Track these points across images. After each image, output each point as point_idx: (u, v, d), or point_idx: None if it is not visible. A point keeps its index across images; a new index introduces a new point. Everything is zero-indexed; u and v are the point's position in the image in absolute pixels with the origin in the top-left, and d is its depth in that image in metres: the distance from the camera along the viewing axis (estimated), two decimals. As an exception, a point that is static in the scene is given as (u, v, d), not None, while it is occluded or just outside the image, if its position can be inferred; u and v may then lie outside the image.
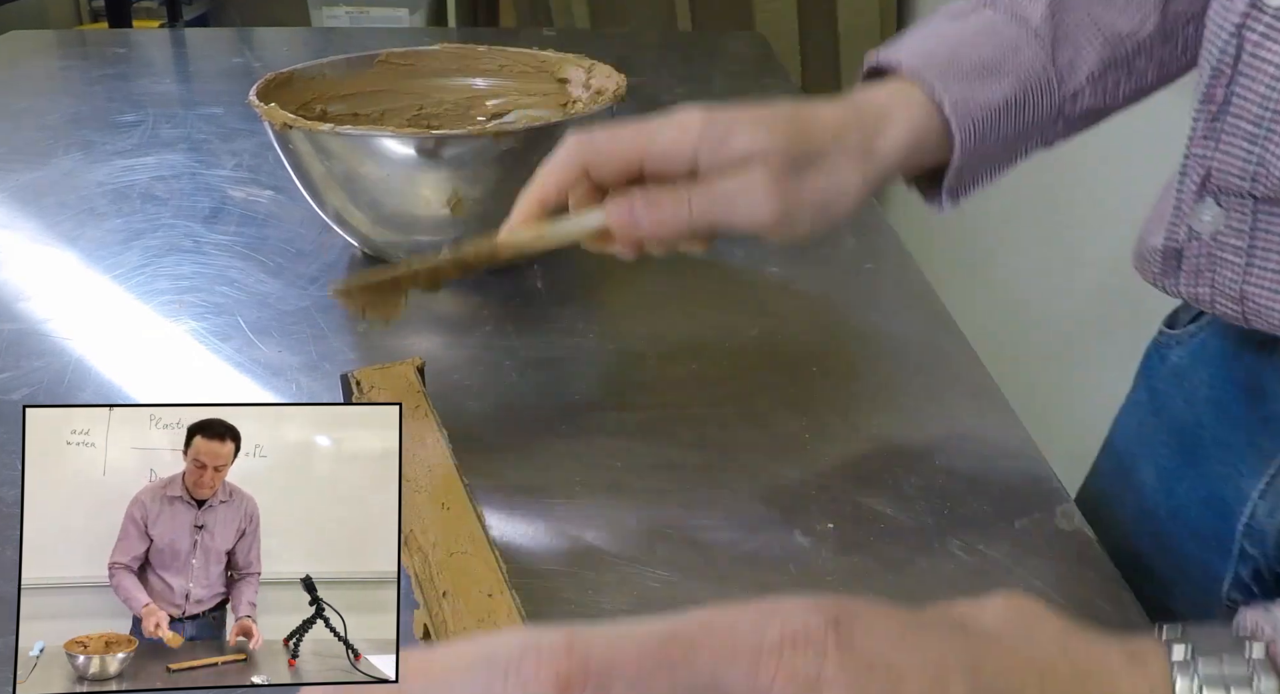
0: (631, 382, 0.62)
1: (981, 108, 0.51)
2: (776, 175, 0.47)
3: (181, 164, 0.95)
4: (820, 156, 0.48)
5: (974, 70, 0.51)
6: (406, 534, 0.45)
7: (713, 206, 0.47)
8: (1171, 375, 0.59)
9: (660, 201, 0.47)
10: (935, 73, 0.51)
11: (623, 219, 0.48)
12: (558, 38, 1.55)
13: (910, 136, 0.50)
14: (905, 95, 0.51)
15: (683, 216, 0.47)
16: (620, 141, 0.48)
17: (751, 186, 0.47)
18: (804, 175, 0.48)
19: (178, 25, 2.36)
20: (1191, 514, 0.56)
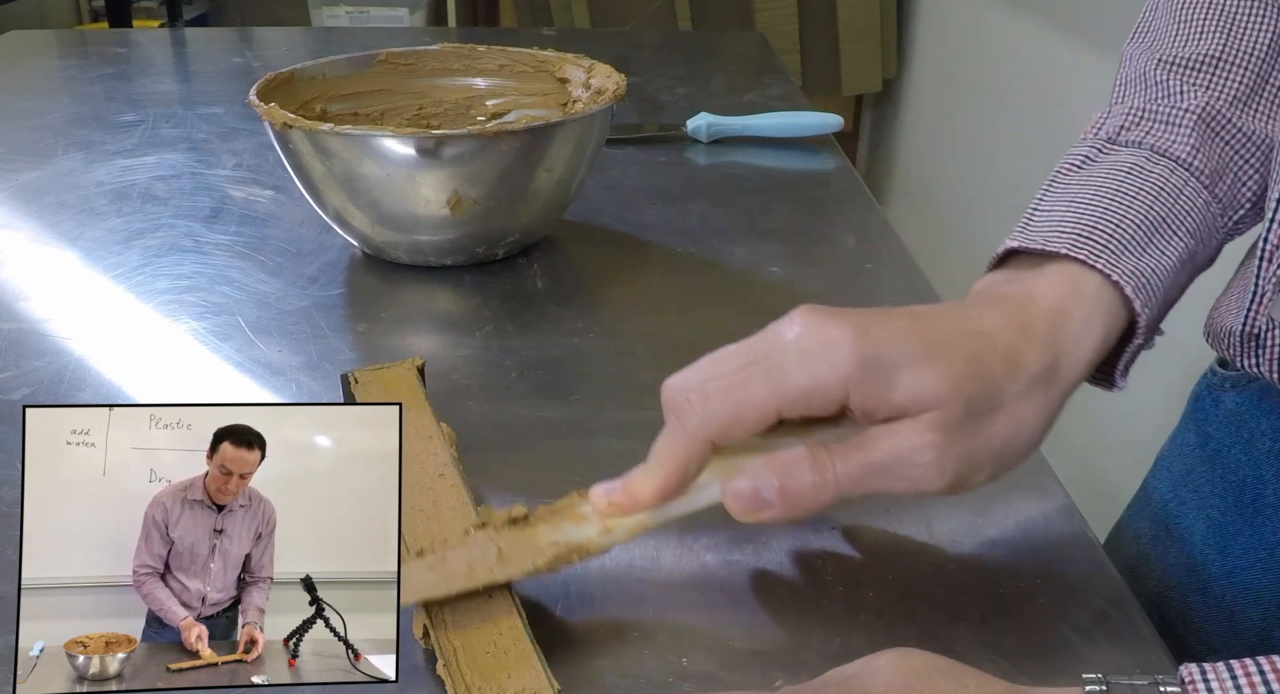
0: (631, 382, 0.62)
1: (1160, 276, 0.43)
2: (951, 433, 0.37)
3: (181, 164, 0.95)
4: (998, 398, 0.39)
5: (1141, 235, 0.43)
6: (406, 534, 0.45)
7: (866, 476, 0.38)
8: (1227, 421, 0.55)
9: (795, 474, 0.38)
10: (1100, 250, 0.42)
11: (747, 503, 0.39)
12: (558, 38, 1.55)
13: (1099, 341, 0.42)
14: (1082, 289, 0.42)
15: (825, 493, 0.38)
16: (747, 396, 0.38)
17: (920, 449, 0.37)
18: (982, 425, 0.38)
19: (178, 25, 2.36)
20: (1249, 575, 0.53)
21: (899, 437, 0.37)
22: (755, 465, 0.38)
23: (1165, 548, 0.59)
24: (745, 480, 0.38)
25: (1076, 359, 0.41)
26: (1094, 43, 1.52)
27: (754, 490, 0.38)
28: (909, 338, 0.38)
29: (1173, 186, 0.44)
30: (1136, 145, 0.46)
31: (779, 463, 0.38)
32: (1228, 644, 0.55)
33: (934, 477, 0.38)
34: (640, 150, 0.99)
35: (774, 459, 0.38)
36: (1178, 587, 0.57)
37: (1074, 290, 0.42)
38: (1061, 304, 0.41)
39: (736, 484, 0.39)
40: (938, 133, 2.21)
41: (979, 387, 0.38)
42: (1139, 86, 0.49)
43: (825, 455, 0.38)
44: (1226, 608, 0.55)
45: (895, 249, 0.80)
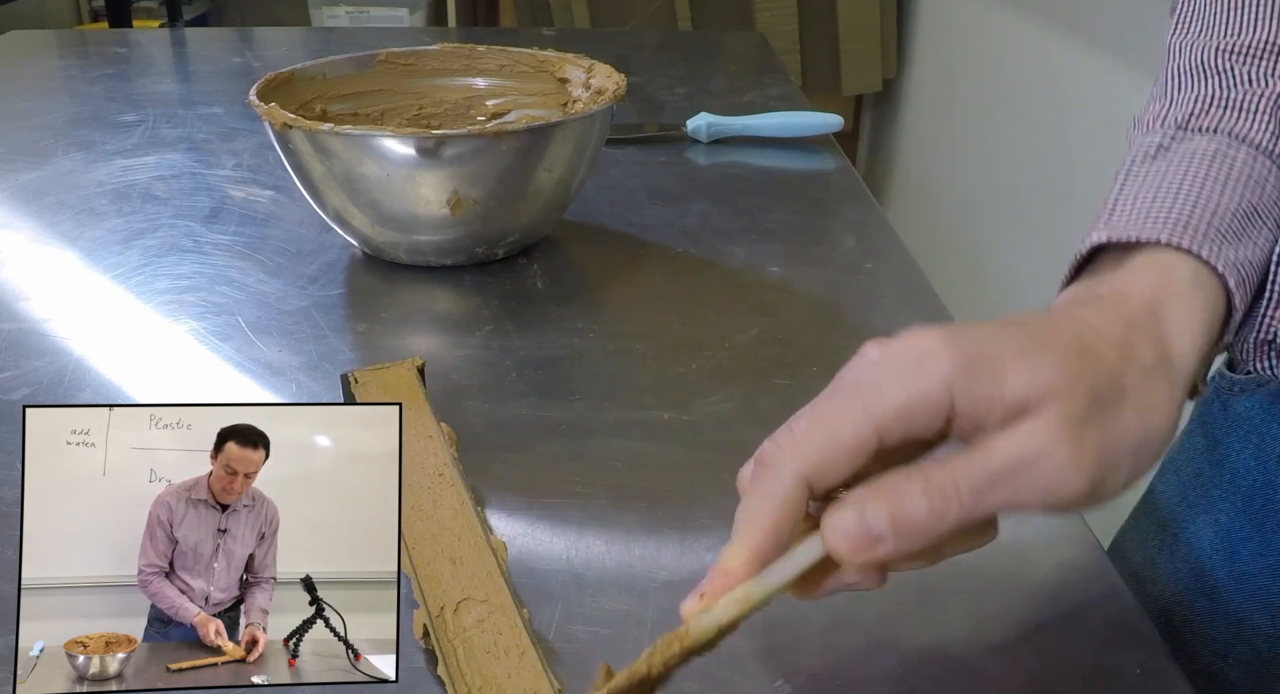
0: (631, 382, 0.62)
1: (1256, 265, 0.40)
2: (1081, 424, 0.32)
3: (181, 164, 0.95)
4: (1124, 387, 0.34)
5: (1236, 223, 0.40)
6: (407, 535, 0.45)
7: (992, 489, 0.32)
8: (1236, 425, 0.54)
9: (907, 499, 0.32)
10: (1201, 237, 0.39)
11: (856, 541, 0.33)
12: (558, 38, 1.55)
13: (1203, 328, 0.38)
14: (1177, 276, 0.38)
15: (946, 517, 0.32)
16: (839, 424, 0.33)
17: (1051, 446, 0.32)
18: (1111, 416, 0.34)
19: (178, 25, 2.36)
20: (1258, 581, 0.53)
21: (1023, 436, 0.32)
22: (857, 494, 0.33)
23: (1171, 553, 0.59)
24: (849, 513, 0.33)
25: (1187, 347, 0.37)
26: (1094, 43, 1.52)
27: (860, 523, 0.32)
28: (1010, 336, 0.34)
29: (1259, 174, 0.42)
30: (1213, 132, 0.44)
31: (884, 487, 0.33)
32: (1234, 651, 0.55)
33: (1072, 477, 0.32)
34: (640, 150, 0.99)
35: (877, 485, 0.33)
36: (1184, 592, 0.57)
37: (1167, 280, 0.38)
38: (1158, 296, 0.38)
39: (838, 518, 0.33)
40: (938, 133, 2.21)
41: (1099, 373, 0.34)
42: (1200, 76, 0.47)
43: (940, 472, 0.32)
44: (1234, 614, 0.54)
45: (895, 249, 0.80)
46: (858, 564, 0.34)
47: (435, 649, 0.40)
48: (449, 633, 0.40)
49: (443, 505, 0.47)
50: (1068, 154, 1.61)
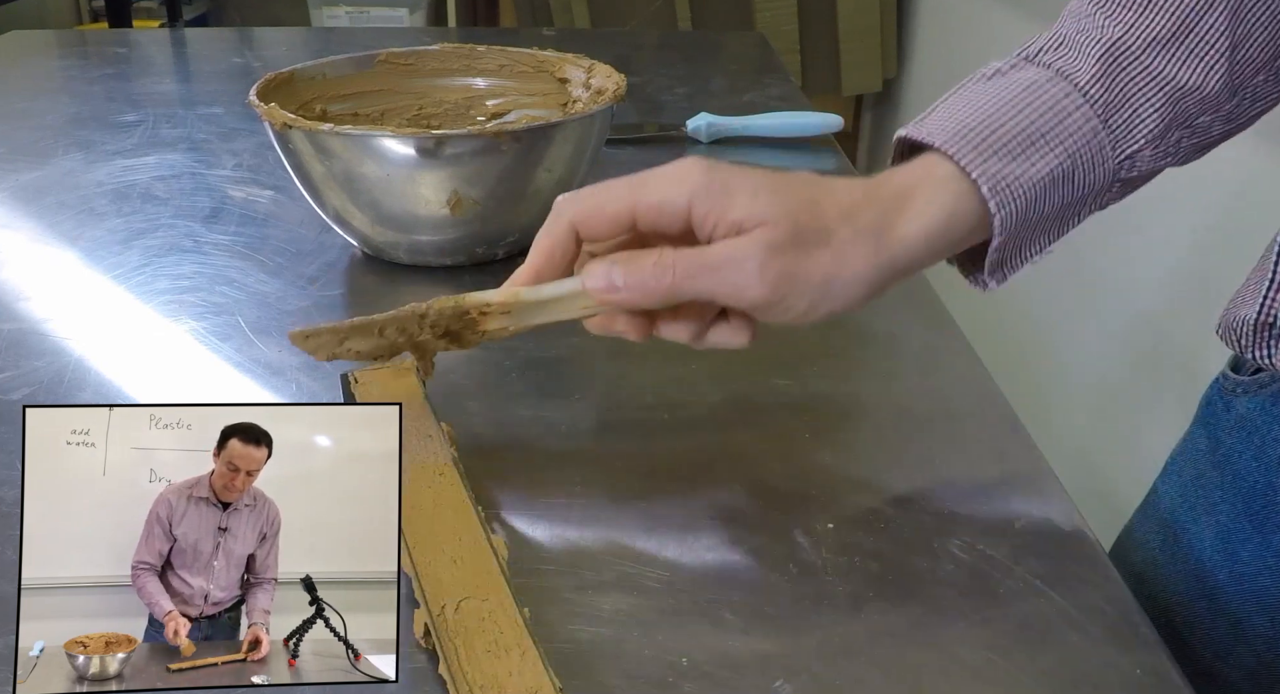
0: (631, 381, 0.62)
1: (1024, 184, 0.45)
2: (775, 247, 0.42)
3: (181, 164, 0.95)
4: (826, 233, 0.43)
5: (1015, 143, 0.46)
6: (407, 535, 0.45)
7: (699, 274, 0.43)
8: (1238, 426, 0.55)
9: (641, 265, 0.44)
10: (970, 148, 0.45)
11: (599, 283, 0.44)
12: (558, 38, 1.55)
13: (938, 221, 0.45)
14: (935, 174, 0.45)
15: (665, 282, 0.43)
16: (609, 194, 0.45)
17: (745, 255, 0.42)
18: (807, 252, 0.43)
19: (178, 25, 2.36)
20: (1257, 581, 0.53)
21: (730, 245, 0.43)
22: (612, 255, 0.45)
23: (1173, 554, 0.59)
24: (600, 263, 0.44)
25: (913, 226, 0.45)
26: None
27: (606, 272, 0.44)
28: (754, 176, 0.44)
29: (1061, 107, 0.46)
30: (1045, 67, 0.48)
31: (630, 254, 0.44)
32: (1234, 652, 0.55)
33: (754, 284, 0.42)
34: (640, 150, 0.99)
35: (627, 252, 0.45)
36: (1185, 593, 0.57)
37: (926, 174, 0.45)
38: (909, 183, 0.45)
39: (593, 265, 0.45)
40: (938, 133, 2.21)
41: (808, 218, 0.43)
42: (1073, 18, 0.50)
43: (669, 253, 0.43)
44: (1234, 616, 0.54)
45: (895, 249, 0.80)
46: (609, 306, 0.46)
47: (436, 648, 0.40)
48: (449, 632, 0.40)
49: (443, 505, 0.47)
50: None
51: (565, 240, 0.46)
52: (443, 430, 0.52)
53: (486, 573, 0.43)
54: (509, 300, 0.48)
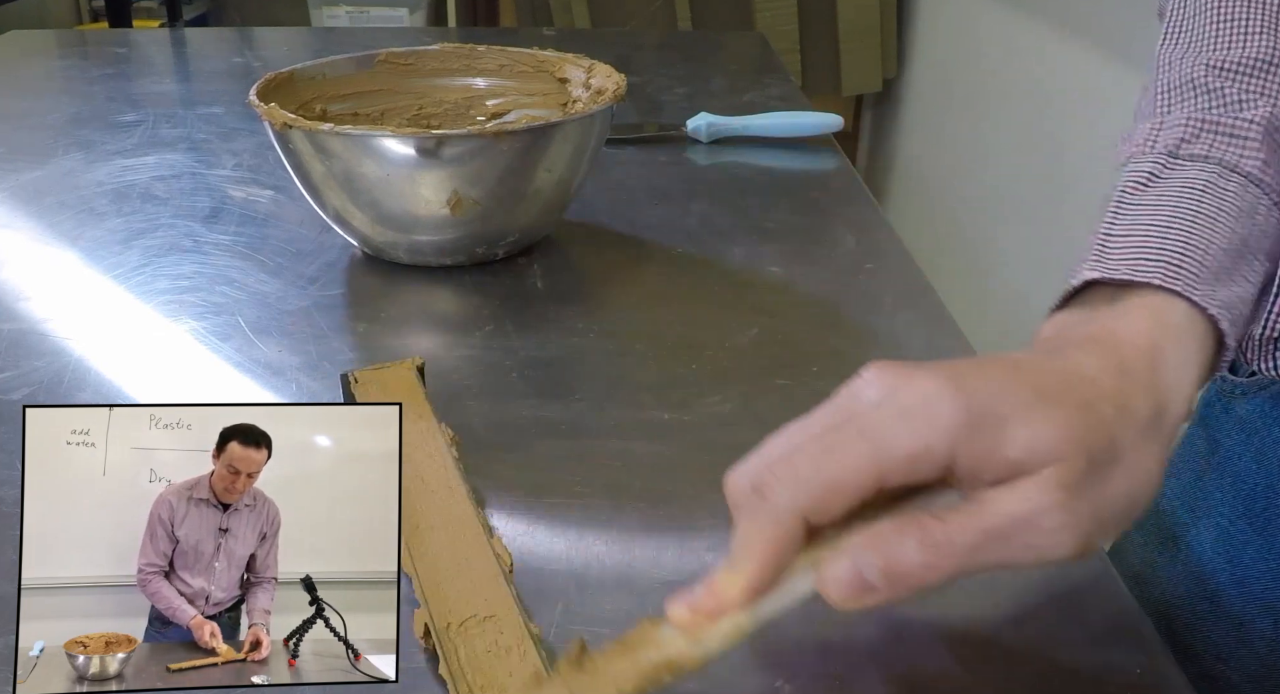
0: (631, 382, 0.62)
1: (1244, 303, 0.40)
2: (1077, 489, 0.33)
3: (181, 164, 0.95)
4: (1119, 449, 0.34)
5: (1228, 261, 0.40)
6: (407, 535, 0.45)
7: (985, 546, 0.33)
8: (1238, 428, 0.54)
9: (901, 551, 0.33)
10: (1191, 282, 0.39)
11: (846, 589, 0.33)
12: (558, 38, 1.55)
13: (1198, 379, 0.38)
14: (1159, 319, 0.38)
15: (939, 571, 0.33)
16: (841, 464, 0.33)
17: (1047, 510, 0.32)
18: (1105, 479, 0.34)
19: (178, 25, 2.36)
20: (1259, 584, 0.53)
21: (1020, 497, 0.33)
22: (853, 544, 0.33)
23: (1172, 556, 0.58)
24: (843, 562, 0.33)
25: (1180, 398, 0.37)
26: (1094, 43, 1.52)
27: (855, 574, 0.33)
28: (1013, 387, 0.34)
29: (1249, 206, 0.42)
30: (1204, 160, 0.43)
31: (880, 538, 0.33)
32: (1236, 654, 0.54)
33: (1066, 540, 0.33)
34: (640, 150, 0.99)
35: (874, 535, 0.33)
36: (1185, 595, 0.57)
37: (1161, 325, 0.38)
38: (1154, 342, 0.37)
39: (833, 567, 0.33)
40: (938, 133, 2.21)
41: (1098, 437, 0.34)
42: (1190, 94, 0.46)
43: (935, 525, 0.33)
44: (1236, 618, 0.54)
45: (895, 249, 0.80)
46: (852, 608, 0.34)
47: (436, 649, 0.40)
48: (450, 633, 0.40)
49: (444, 507, 0.47)
50: (1067, 154, 1.61)
51: (795, 539, 0.34)
52: (443, 430, 0.52)
53: (487, 574, 0.43)
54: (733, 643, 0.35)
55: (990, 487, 0.33)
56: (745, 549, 0.34)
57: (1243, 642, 0.54)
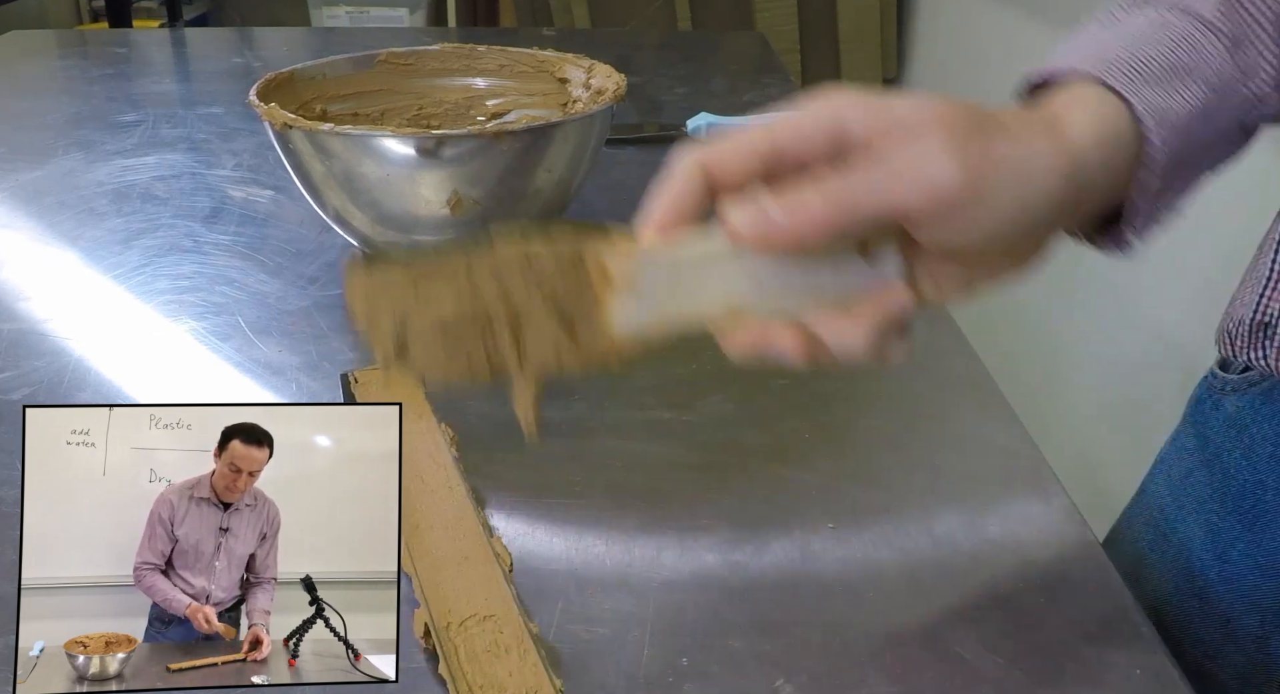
0: (631, 382, 0.62)
1: (1176, 114, 0.41)
2: (957, 129, 0.36)
3: (181, 164, 0.95)
4: (1000, 124, 0.37)
5: (1162, 72, 0.42)
6: (407, 535, 0.45)
7: (875, 183, 0.35)
8: (1227, 426, 0.55)
9: (799, 190, 0.35)
10: (1119, 75, 0.41)
11: (749, 220, 0.35)
12: (558, 38, 1.55)
13: (1104, 130, 0.40)
14: (1087, 97, 0.40)
15: (835, 201, 0.35)
16: (744, 132, 0.37)
17: (927, 143, 0.35)
18: (989, 136, 0.36)
19: (178, 25, 2.36)
20: (1247, 581, 0.53)
21: (906, 139, 0.35)
22: (750, 192, 0.36)
23: (1163, 552, 0.59)
24: (744, 201, 0.35)
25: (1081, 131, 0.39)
26: (1094, 43, 1.52)
27: (754, 207, 0.35)
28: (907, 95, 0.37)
29: (1195, 39, 0.43)
30: (1166, 8, 0.46)
31: (781, 187, 0.35)
32: (1224, 651, 0.55)
33: (947, 167, 0.35)
34: (640, 150, 0.99)
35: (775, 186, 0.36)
36: (1174, 592, 0.57)
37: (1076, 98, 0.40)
38: (1061, 104, 0.40)
39: (738, 206, 0.35)
40: (938, 133, 2.21)
41: (978, 112, 0.37)
42: None
43: (831, 173, 0.35)
44: (1223, 615, 0.55)
45: (895, 249, 0.80)
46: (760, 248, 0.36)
47: (436, 648, 0.40)
48: (450, 632, 0.40)
49: (443, 506, 0.47)
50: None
51: (695, 184, 0.37)
52: (443, 430, 0.52)
53: (487, 575, 0.43)
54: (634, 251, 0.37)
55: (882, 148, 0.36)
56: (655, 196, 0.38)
57: (1231, 639, 0.54)
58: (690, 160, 0.37)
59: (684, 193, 0.37)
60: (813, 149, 0.36)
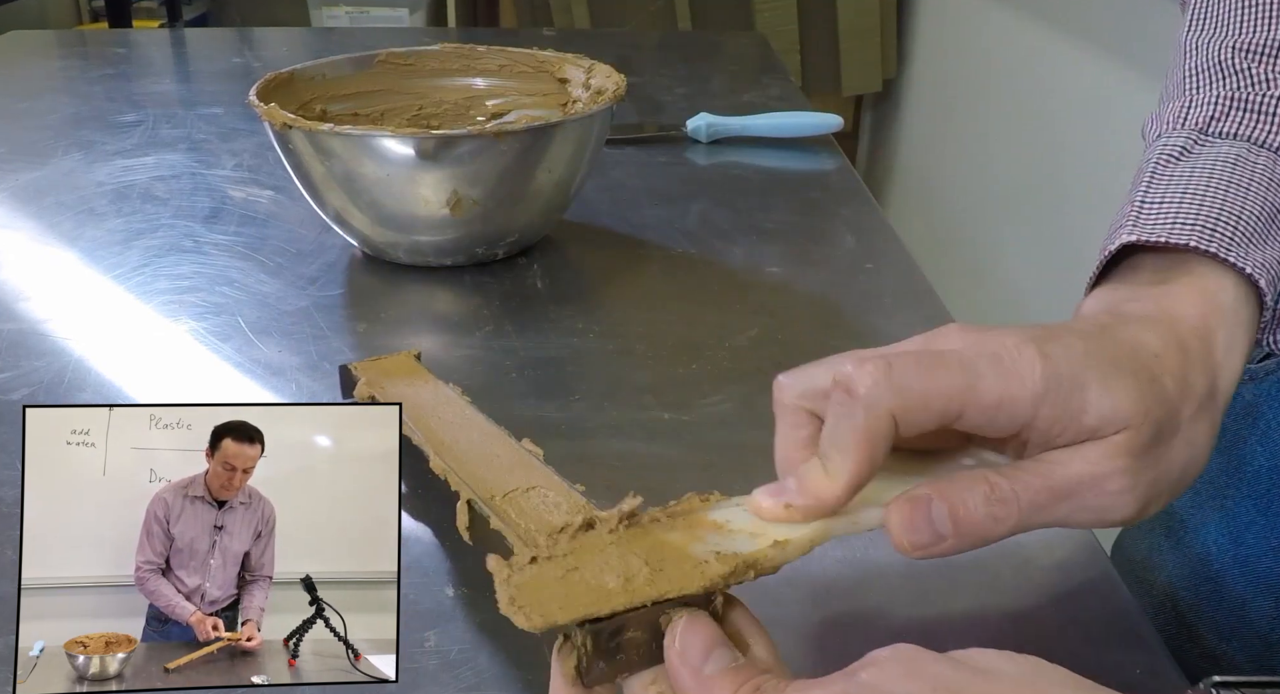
0: (631, 382, 0.62)
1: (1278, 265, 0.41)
2: (1141, 457, 0.35)
3: (181, 164, 0.95)
4: (1179, 422, 0.36)
5: (1259, 226, 0.41)
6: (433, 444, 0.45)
7: (1050, 505, 0.34)
8: (1244, 414, 0.55)
9: (970, 501, 0.33)
10: (1227, 243, 0.40)
11: (914, 534, 0.34)
12: (558, 38, 1.55)
13: (1245, 355, 0.40)
14: (1211, 298, 0.39)
15: (1004, 524, 0.34)
16: (934, 383, 0.33)
17: (1113, 474, 0.34)
18: (1165, 449, 0.36)
19: (178, 25, 2.35)
20: (1261, 564, 0.54)
21: (1089, 460, 0.34)
22: (921, 491, 0.34)
23: (1178, 540, 0.59)
24: (915, 506, 0.34)
25: (1230, 375, 0.39)
26: (1094, 44, 1.52)
27: (925, 518, 0.34)
28: (1091, 355, 0.35)
29: (1278, 178, 0.43)
30: (1233, 137, 0.45)
31: (950, 488, 0.34)
32: (1239, 634, 0.55)
33: (1127, 504, 0.35)
34: (640, 150, 0.99)
35: (943, 484, 0.34)
36: (1189, 577, 0.58)
37: (1213, 305, 0.39)
38: (1208, 323, 0.39)
39: (902, 510, 0.34)
40: (938, 133, 2.21)
41: (1164, 409, 0.35)
42: (1218, 75, 0.48)
43: (1003, 482, 0.34)
44: (1238, 598, 0.55)
45: (895, 249, 0.80)
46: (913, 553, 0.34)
47: (485, 514, 0.40)
48: (496, 501, 0.40)
49: (467, 429, 0.48)
50: (1066, 154, 1.61)
51: (888, 438, 0.33)
52: (451, 387, 0.53)
53: (524, 462, 0.44)
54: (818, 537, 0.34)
55: (1058, 449, 0.35)
56: (839, 445, 0.33)
57: (1245, 621, 0.55)
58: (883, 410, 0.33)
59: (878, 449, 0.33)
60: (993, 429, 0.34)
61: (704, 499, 0.37)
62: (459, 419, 0.49)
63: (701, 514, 0.36)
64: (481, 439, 0.47)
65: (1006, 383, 0.33)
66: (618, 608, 0.31)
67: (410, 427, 0.47)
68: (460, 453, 0.45)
